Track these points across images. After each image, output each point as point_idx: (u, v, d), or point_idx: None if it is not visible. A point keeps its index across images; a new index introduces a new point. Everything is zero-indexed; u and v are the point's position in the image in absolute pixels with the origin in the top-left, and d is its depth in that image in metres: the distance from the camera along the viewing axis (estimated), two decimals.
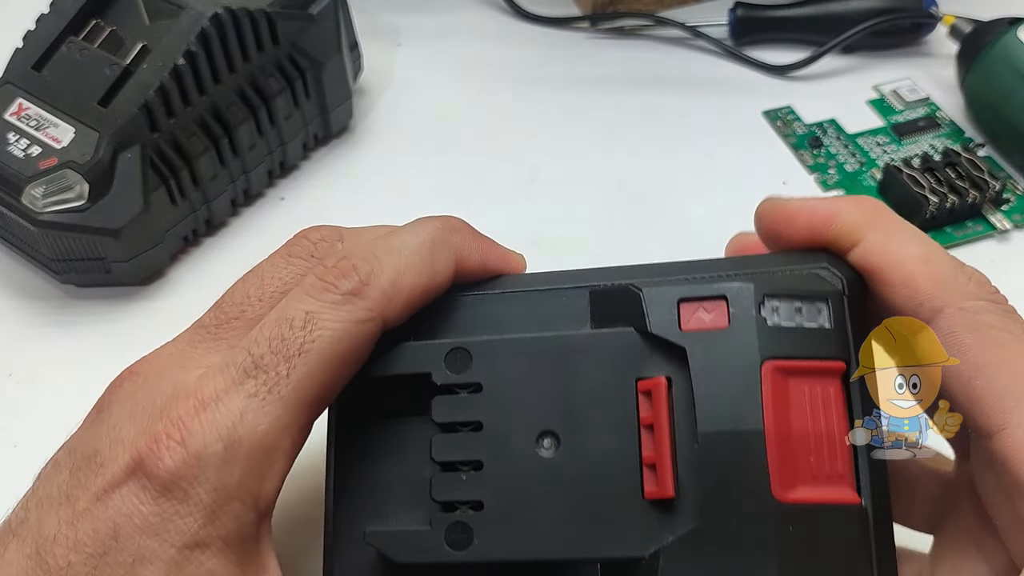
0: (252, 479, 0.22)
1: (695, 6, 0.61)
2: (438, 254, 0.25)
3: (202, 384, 0.23)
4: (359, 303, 0.23)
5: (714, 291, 0.23)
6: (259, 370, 0.22)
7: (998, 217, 0.48)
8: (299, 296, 0.24)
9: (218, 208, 0.48)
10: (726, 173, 0.52)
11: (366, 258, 0.24)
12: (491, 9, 0.61)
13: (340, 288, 0.23)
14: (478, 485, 0.23)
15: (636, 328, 0.24)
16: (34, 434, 0.41)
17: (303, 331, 0.23)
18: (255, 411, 0.22)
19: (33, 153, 0.43)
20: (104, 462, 0.22)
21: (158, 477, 0.21)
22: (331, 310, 0.23)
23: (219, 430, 0.22)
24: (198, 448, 0.22)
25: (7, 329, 0.45)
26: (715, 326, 0.23)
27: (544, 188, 0.51)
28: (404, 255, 0.24)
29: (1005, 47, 0.50)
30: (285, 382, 0.22)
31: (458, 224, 0.27)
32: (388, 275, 0.24)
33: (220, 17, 0.44)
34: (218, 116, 0.46)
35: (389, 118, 0.55)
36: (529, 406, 0.24)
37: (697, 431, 0.22)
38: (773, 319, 0.23)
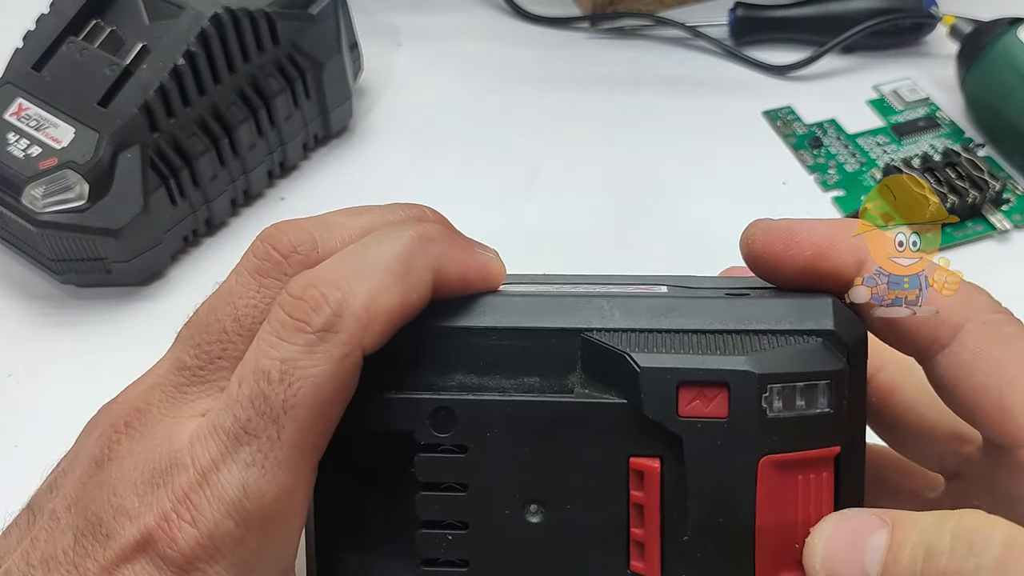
0: (270, 546, 0.22)
1: (695, 6, 0.61)
2: (414, 270, 0.23)
3: (196, 452, 0.22)
4: (334, 339, 0.22)
5: (715, 376, 0.22)
6: (249, 436, 0.21)
7: (998, 217, 0.48)
8: (270, 341, 0.22)
9: (218, 208, 0.48)
10: (726, 173, 0.52)
11: (335, 283, 0.22)
12: (491, 9, 0.61)
13: (312, 325, 0.22)
14: (463, 544, 0.23)
15: (631, 403, 0.23)
16: (34, 434, 0.41)
17: (282, 385, 0.21)
18: (257, 481, 0.21)
19: (33, 153, 0.43)
20: (110, 534, 0.22)
21: (172, 559, 0.21)
22: (306, 355, 0.21)
23: (226, 506, 0.21)
24: (210, 528, 0.21)
25: (7, 329, 0.45)
26: (714, 415, 0.22)
27: (544, 188, 0.51)
28: (377, 274, 0.22)
29: (1005, 47, 0.50)
30: (279, 445, 0.21)
31: (435, 232, 0.24)
32: (361, 300, 0.22)
33: (220, 17, 0.44)
34: (218, 116, 0.46)
35: (389, 118, 0.55)
36: (516, 472, 0.23)
37: (688, 523, 0.22)
38: (775, 407, 0.22)
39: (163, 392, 0.24)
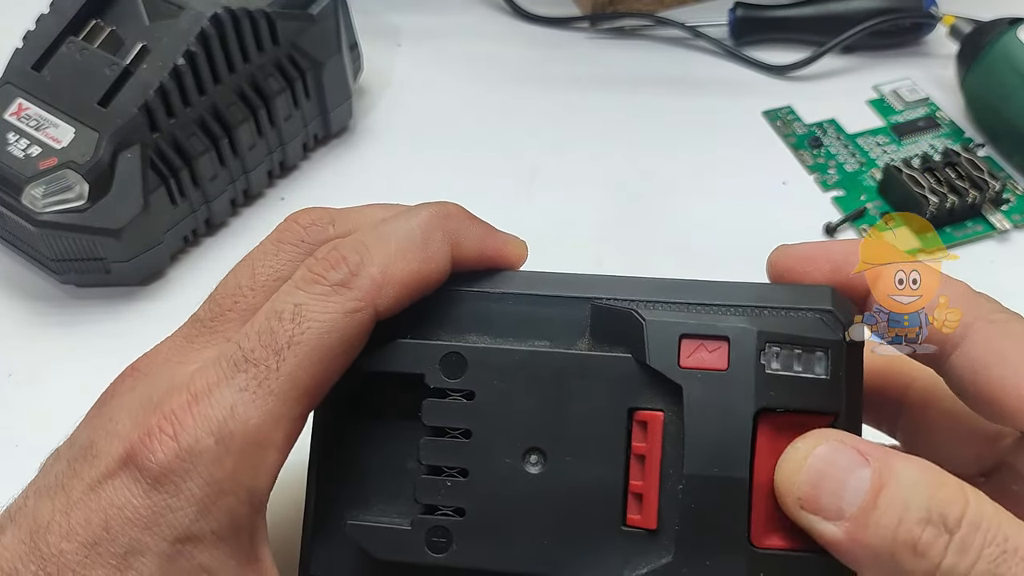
0: (245, 473, 0.22)
1: (695, 6, 0.61)
2: (431, 240, 0.25)
3: (195, 378, 0.23)
4: (348, 293, 0.23)
5: (717, 330, 0.23)
6: (249, 364, 0.22)
7: (998, 217, 0.48)
8: (288, 289, 0.24)
9: (218, 208, 0.48)
10: (726, 173, 0.52)
11: (355, 247, 0.24)
12: (491, 9, 0.61)
13: (329, 279, 0.23)
14: (461, 492, 0.24)
15: (635, 356, 0.24)
16: (34, 434, 0.41)
17: (292, 323, 0.23)
18: (246, 404, 0.22)
19: (33, 153, 0.43)
20: (98, 453, 0.23)
21: (149, 470, 0.22)
22: (320, 301, 0.23)
23: (211, 424, 0.22)
24: (190, 442, 0.22)
25: (7, 329, 0.45)
26: (714, 366, 0.23)
27: (544, 188, 0.51)
28: (395, 242, 0.24)
29: (1005, 47, 0.50)
30: (275, 375, 0.22)
31: (454, 210, 0.26)
32: (378, 263, 0.24)
33: (220, 17, 0.44)
34: (218, 116, 0.46)
35: (389, 118, 0.55)
36: (519, 420, 0.24)
37: (684, 472, 0.23)
38: (772, 365, 0.23)
39: (173, 341, 0.25)
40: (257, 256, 0.26)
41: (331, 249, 0.24)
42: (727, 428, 0.23)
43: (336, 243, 0.24)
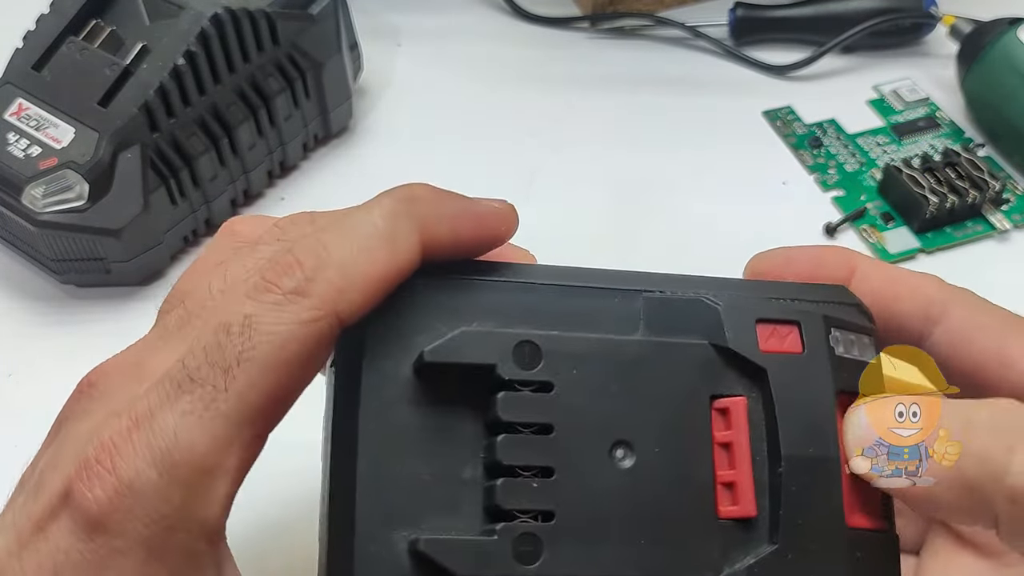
0: (195, 505, 0.20)
1: (695, 6, 0.61)
2: (397, 232, 0.22)
3: (137, 402, 0.20)
4: (304, 302, 0.20)
5: (788, 315, 0.23)
6: (194, 384, 0.20)
7: (998, 217, 0.48)
8: (238, 299, 0.21)
9: (218, 208, 0.48)
10: (726, 173, 0.52)
11: (311, 248, 0.21)
12: (491, 9, 0.61)
13: (282, 287, 0.21)
14: (549, 493, 0.21)
15: (711, 343, 0.23)
16: (34, 434, 0.41)
17: (241, 338, 0.20)
18: (191, 430, 0.20)
19: (33, 153, 0.43)
20: (42, 488, 0.21)
21: (88, 512, 0.19)
22: (272, 312, 0.20)
23: (152, 453, 0.19)
24: (130, 476, 0.19)
25: (7, 329, 0.45)
26: (791, 350, 0.23)
27: (544, 188, 0.51)
28: (356, 240, 0.21)
29: (1005, 47, 0.50)
30: (223, 396, 0.20)
31: (420, 191, 0.23)
32: (336, 265, 0.21)
33: (220, 17, 0.44)
34: (218, 116, 0.46)
35: (389, 118, 0.55)
36: (602, 412, 0.22)
37: (781, 453, 0.22)
38: (839, 349, 0.23)
39: (136, 352, 0.23)
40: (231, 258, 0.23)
41: (285, 251, 0.21)
42: (814, 408, 0.23)
43: (290, 244, 0.22)
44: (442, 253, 0.23)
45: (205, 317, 0.22)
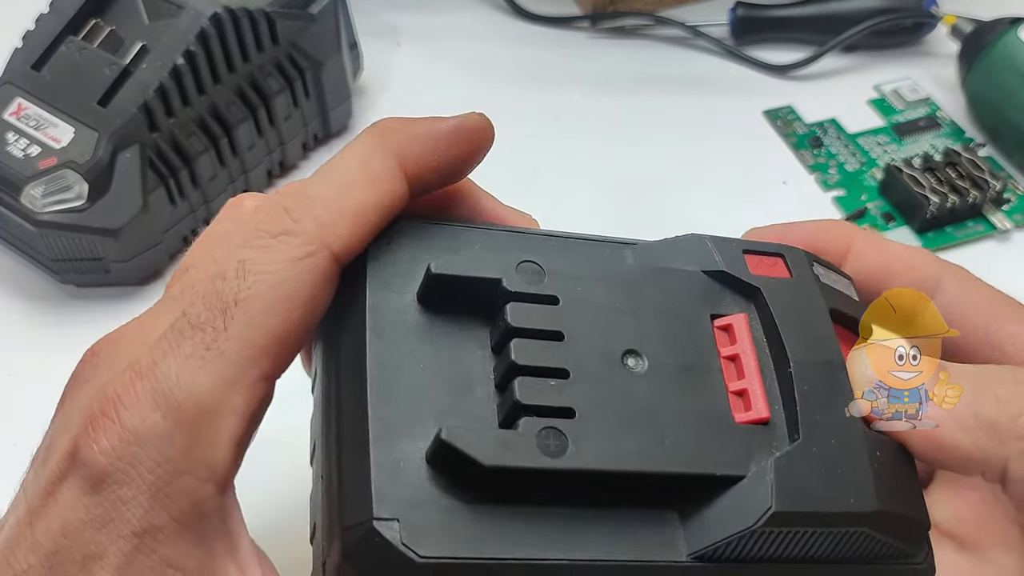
0: (201, 447, 0.20)
1: (695, 6, 0.61)
2: (372, 164, 0.22)
3: (140, 355, 0.21)
4: (293, 240, 0.21)
5: (772, 249, 0.25)
6: (194, 329, 0.20)
7: (999, 217, 0.48)
8: (231, 248, 0.21)
9: (218, 208, 0.47)
10: (726, 173, 0.52)
11: (294, 195, 0.22)
12: (491, 9, 0.61)
13: (271, 231, 0.21)
14: (567, 391, 0.21)
15: (703, 270, 0.24)
16: (34, 434, 0.41)
17: (236, 280, 0.21)
18: (193, 371, 0.20)
19: (32, 153, 0.43)
20: (51, 452, 0.21)
21: (94, 462, 0.19)
22: (264, 253, 0.21)
23: (155, 397, 0.20)
24: (134, 423, 0.19)
25: (7, 329, 0.45)
26: (780, 275, 0.24)
27: (544, 188, 0.51)
28: (335, 178, 0.23)
29: (1006, 47, 0.50)
30: (224, 336, 0.20)
31: (388, 123, 0.24)
32: (321, 204, 0.22)
33: (219, 17, 0.44)
34: (217, 116, 0.46)
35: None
36: (609, 324, 0.22)
37: (789, 358, 0.23)
38: (823, 279, 0.25)
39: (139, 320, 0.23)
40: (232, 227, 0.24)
41: (270, 202, 0.22)
42: (812, 320, 0.23)
43: (277, 192, 0.23)
44: (428, 175, 0.23)
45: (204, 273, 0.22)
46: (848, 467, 0.22)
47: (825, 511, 0.21)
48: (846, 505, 0.21)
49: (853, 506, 0.21)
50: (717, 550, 0.21)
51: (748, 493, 0.21)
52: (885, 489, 0.22)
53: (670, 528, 0.21)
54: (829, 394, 0.22)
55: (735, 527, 0.21)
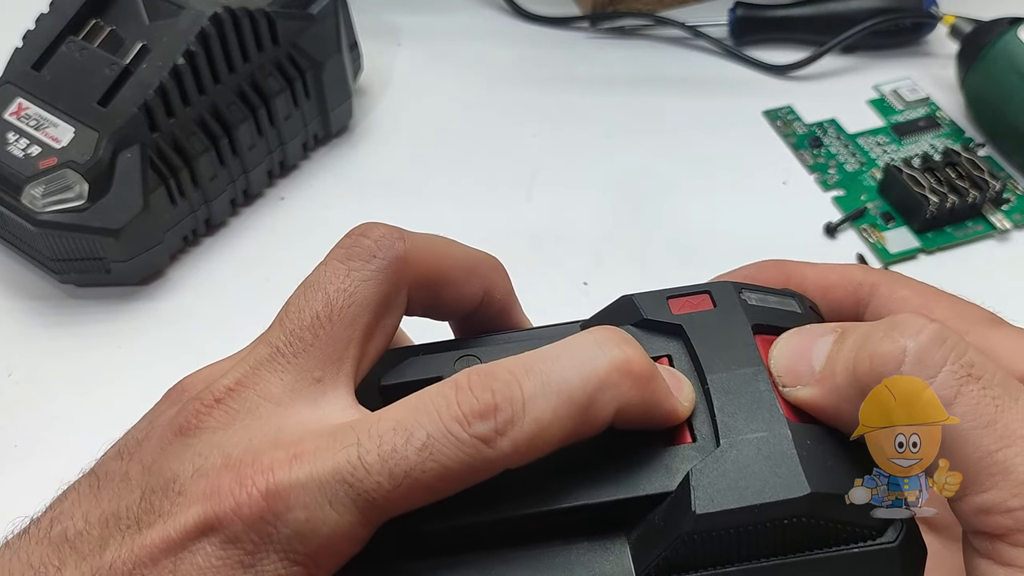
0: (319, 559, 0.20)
1: (695, 6, 0.61)
2: (598, 404, 0.21)
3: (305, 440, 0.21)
4: (485, 451, 0.20)
5: (697, 288, 0.26)
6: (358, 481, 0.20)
7: (998, 217, 0.48)
8: (426, 407, 0.21)
9: (218, 208, 0.48)
10: (726, 173, 0.52)
11: (512, 396, 0.21)
12: (491, 9, 0.61)
13: (472, 429, 0.20)
14: None
15: (632, 324, 0.25)
16: (34, 434, 0.41)
17: (418, 456, 0.20)
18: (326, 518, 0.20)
19: (33, 153, 0.43)
20: (182, 491, 0.21)
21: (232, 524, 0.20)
22: (454, 448, 0.20)
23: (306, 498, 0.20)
24: (281, 508, 0.20)
25: (7, 329, 0.45)
26: (702, 308, 0.25)
27: (544, 188, 0.51)
28: (558, 399, 0.21)
29: (1005, 47, 0.50)
30: (385, 498, 0.20)
31: (637, 368, 0.22)
32: (530, 429, 0.21)
33: (220, 17, 0.44)
34: (218, 116, 0.46)
35: (389, 118, 0.55)
36: None
37: (705, 377, 0.24)
38: (752, 300, 0.25)
39: (256, 375, 0.23)
40: (327, 279, 0.24)
41: (483, 384, 0.21)
42: (733, 338, 0.24)
43: (489, 374, 0.21)
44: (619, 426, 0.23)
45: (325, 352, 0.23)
46: (774, 460, 0.22)
47: (754, 504, 0.22)
48: (775, 495, 0.22)
49: (782, 494, 0.22)
50: (661, 564, 0.22)
51: (676, 504, 0.22)
52: (820, 473, 0.22)
53: (618, 553, 0.23)
54: (750, 400, 0.23)
55: (670, 538, 0.22)
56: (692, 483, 0.22)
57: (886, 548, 0.22)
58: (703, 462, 0.22)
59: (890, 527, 0.23)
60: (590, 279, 0.46)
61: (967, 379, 0.21)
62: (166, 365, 0.26)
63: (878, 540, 0.22)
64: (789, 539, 0.22)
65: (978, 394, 0.21)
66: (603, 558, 0.22)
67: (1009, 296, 0.26)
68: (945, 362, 0.21)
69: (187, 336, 0.44)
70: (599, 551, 0.23)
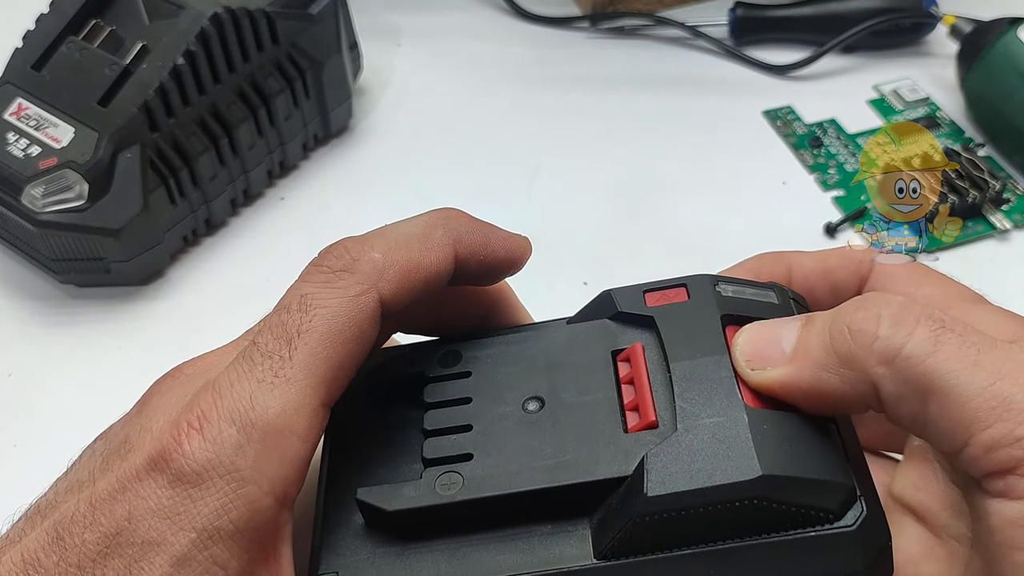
0: (268, 461, 0.22)
1: (695, 6, 0.61)
2: (432, 234, 0.25)
3: (219, 377, 0.23)
4: (350, 278, 0.24)
5: (675, 282, 0.26)
6: (264, 356, 0.23)
7: (998, 217, 0.48)
8: (296, 284, 0.25)
9: (218, 208, 0.48)
10: (726, 173, 0.52)
11: (357, 240, 0.25)
12: (491, 9, 0.61)
13: (331, 267, 0.24)
14: (467, 441, 0.25)
15: (608, 317, 0.26)
16: (34, 434, 0.41)
17: (299, 312, 0.24)
18: (265, 394, 0.23)
19: (33, 153, 0.43)
20: (131, 448, 0.23)
21: (176, 463, 0.22)
22: (323, 288, 0.24)
23: (232, 415, 0.22)
24: (214, 434, 0.22)
25: (7, 329, 0.45)
26: (677, 300, 0.26)
27: (544, 188, 0.51)
28: (397, 233, 0.25)
29: (1005, 47, 0.50)
30: (289, 364, 0.23)
31: (455, 212, 0.27)
32: (378, 251, 0.25)
33: (220, 17, 0.44)
34: (218, 116, 0.46)
35: (389, 118, 0.55)
36: (515, 382, 0.26)
37: (669, 364, 0.24)
38: (727, 291, 0.26)
39: (222, 350, 0.26)
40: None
41: (336, 243, 0.25)
42: (701, 328, 0.25)
43: (342, 239, 0.25)
44: (472, 264, 0.26)
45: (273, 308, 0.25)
46: (729, 444, 0.23)
47: (705, 486, 0.22)
48: (727, 477, 0.22)
49: (734, 476, 0.22)
50: (616, 546, 0.22)
51: (632, 487, 0.23)
52: (773, 456, 0.22)
53: (579, 536, 0.23)
54: (711, 387, 0.24)
55: (625, 519, 0.22)
56: (647, 466, 0.22)
57: (844, 532, 0.22)
58: (659, 447, 0.23)
59: (850, 510, 0.23)
60: (590, 279, 0.46)
61: (942, 330, 0.22)
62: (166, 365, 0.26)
63: (836, 524, 0.22)
64: (742, 522, 0.22)
65: (956, 341, 0.21)
66: (565, 541, 0.23)
67: (1009, 296, 0.26)
68: (919, 321, 0.22)
69: (187, 336, 0.44)
70: (561, 534, 0.23)
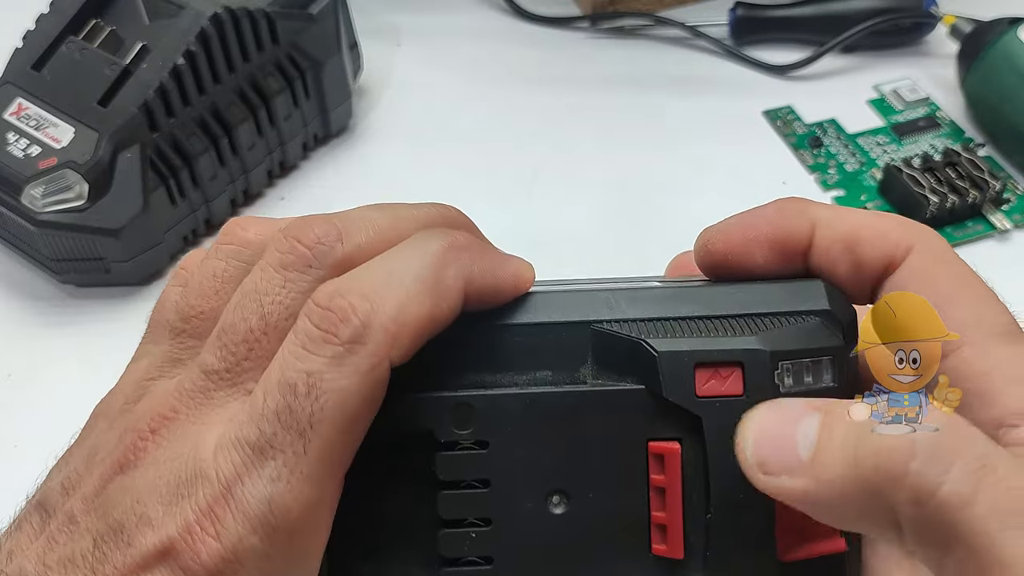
0: (295, 563, 0.21)
1: (695, 6, 0.61)
2: (444, 279, 0.22)
3: (220, 464, 0.21)
4: (362, 351, 0.21)
5: (730, 356, 0.23)
6: (275, 450, 0.21)
7: (998, 217, 0.48)
8: (297, 352, 0.22)
9: (218, 208, 0.48)
10: (726, 173, 0.52)
11: (363, 293, 0.22)
12: (491, 9, 0.61)
13: (340, 337, 0.21)
14: (487, 541, 0.23)
15: (648, 388, 0.23)
16: (33, 434, 0.41)
17: (308, 399, 0.21)
18: (283, 496, 0.21)
19: (33, 153, 0.43)
20: (131, 542, 0.21)
21: (194, 572, 0.21)
22: (333, 368, 0.21)
23: (251, 521, 0.21)
24: (234, 542, 0.21)
25: (7, 329, 0.45)
26: (731, 392, 0.23)
27: (544, 188, 0.51)
28: (406, 284, 0.22)
29: (1005, 47, 0.50)
30: (304, 460, 0.21)
31: (465, 240, 0.24)
32: (390, 311, 0.21)
33: (220, 17, 0.44)
34: (218, 116, 0.46)
35: (389, 118, 0.55)
36: (537, 463, 0.23)
37: (710, 502, 0.23)
38: (786, 383, 0.23)
39: (191, 398, 0.23)
40: (263, 289, 0.23)
41: (336, 296, 0.22)
42: None
43: (340, 287, 0.22)
44: (479, 299, 0.24)
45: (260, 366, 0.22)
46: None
47: None
48: None
49: None
50: None
51: None
52: None
53: None
54: (747, 537, 0.22)
55: None
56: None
57: None
58: None
59: None
60: None
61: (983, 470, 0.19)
62: None
63: None
64: None
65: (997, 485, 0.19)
66: None
67: (1009, 296, 0.26)
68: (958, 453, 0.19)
69: None
70: None
